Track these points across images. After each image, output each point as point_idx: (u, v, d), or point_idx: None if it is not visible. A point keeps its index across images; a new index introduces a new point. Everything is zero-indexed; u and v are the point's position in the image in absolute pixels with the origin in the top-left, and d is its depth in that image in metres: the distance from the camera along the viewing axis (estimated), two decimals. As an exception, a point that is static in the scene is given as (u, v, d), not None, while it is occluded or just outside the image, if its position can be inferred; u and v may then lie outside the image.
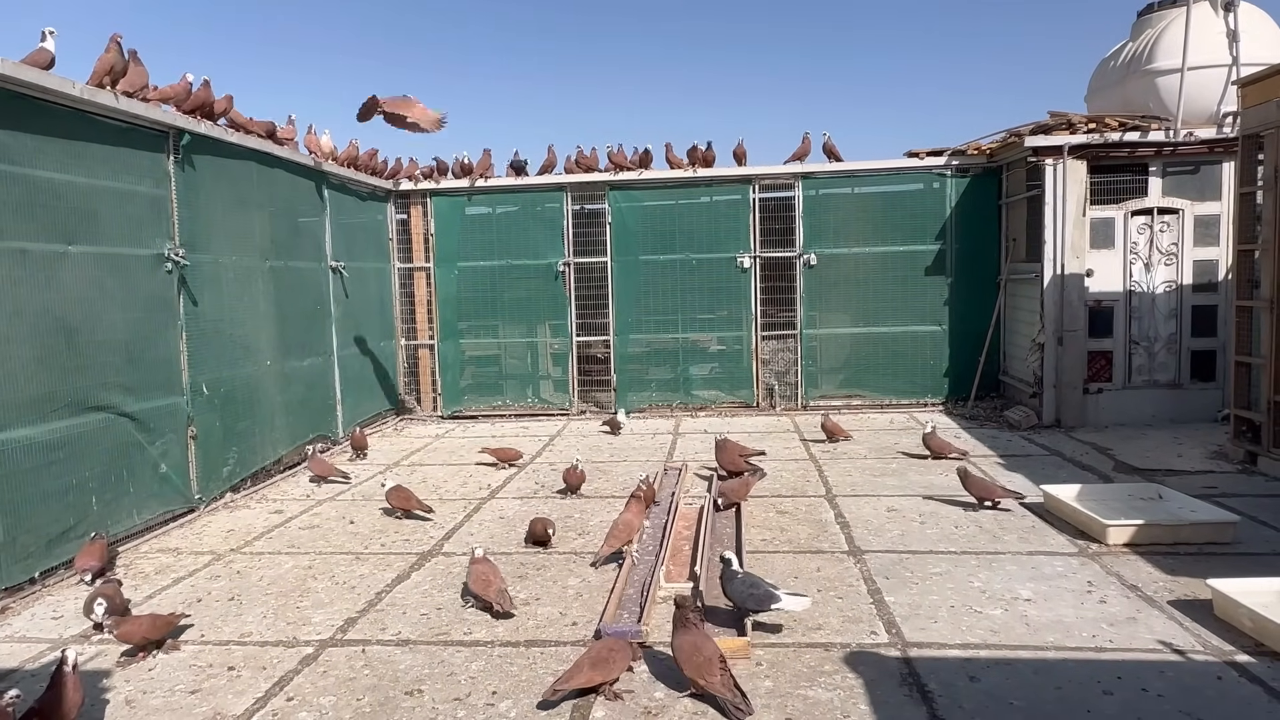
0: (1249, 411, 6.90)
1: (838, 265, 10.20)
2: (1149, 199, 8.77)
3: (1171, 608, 4.07)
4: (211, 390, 6.55)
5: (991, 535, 5.28)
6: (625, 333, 10.49)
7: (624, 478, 7.05)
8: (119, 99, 5.59)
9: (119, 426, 5.56)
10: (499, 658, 3.77)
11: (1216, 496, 5.84)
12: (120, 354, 5.61)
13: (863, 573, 4.70)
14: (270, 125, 7.65)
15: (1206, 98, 8.56)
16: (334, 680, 3.62)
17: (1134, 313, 8.85)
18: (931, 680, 3.43)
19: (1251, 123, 6.74)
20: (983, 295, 10.01)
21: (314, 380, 8.46)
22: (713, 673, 3.17)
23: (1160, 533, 4.98)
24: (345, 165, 9.20)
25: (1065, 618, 3.99)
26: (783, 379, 10.43)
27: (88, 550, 4.82)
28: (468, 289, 10.64)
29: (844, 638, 3.86)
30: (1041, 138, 8.71)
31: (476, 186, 10.47)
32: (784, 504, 6.17)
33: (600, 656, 3.37)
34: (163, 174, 6.13)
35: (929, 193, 10.08)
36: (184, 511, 6.23)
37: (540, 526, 5.34)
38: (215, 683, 3.63)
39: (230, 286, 6.91)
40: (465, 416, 10.64)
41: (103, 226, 5.49)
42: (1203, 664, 3.51)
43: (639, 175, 10.26)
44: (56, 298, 5.06)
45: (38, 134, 4.99)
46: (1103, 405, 8.83)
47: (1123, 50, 9.38)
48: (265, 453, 7.39)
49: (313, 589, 4.74)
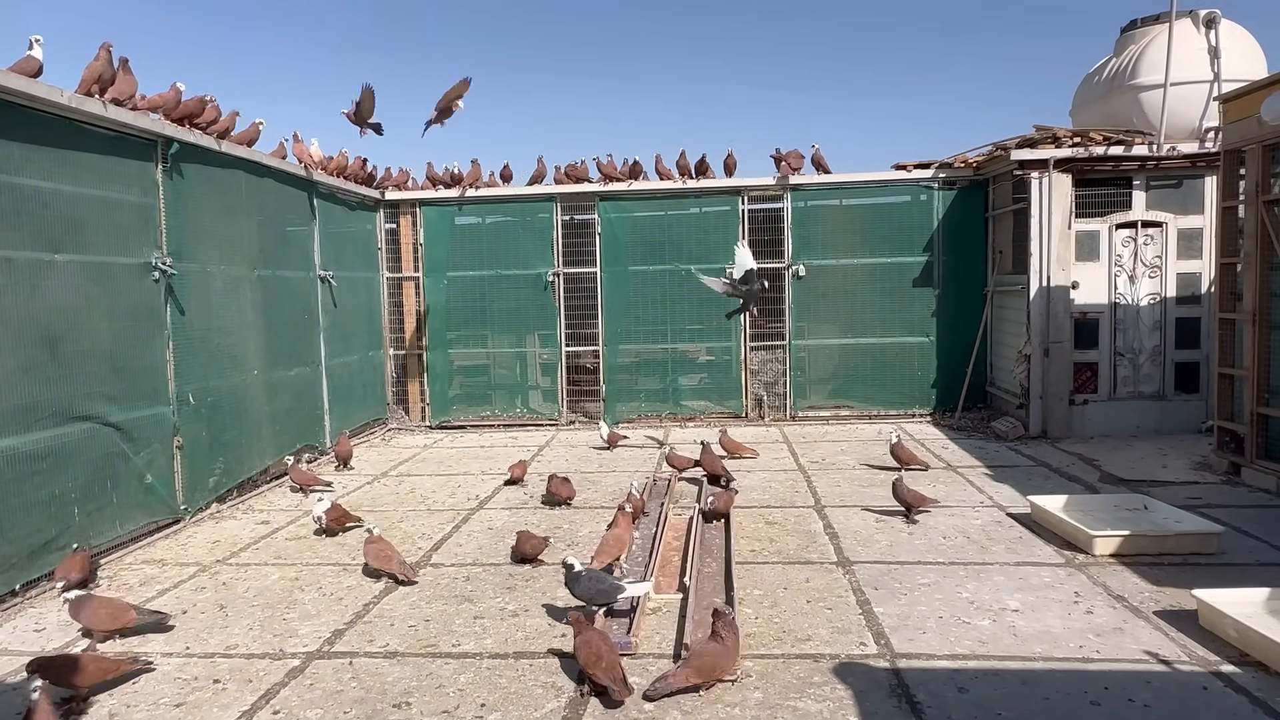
0: (1232, 423, 6.97)
1: (826, 276, 10.25)
2: (1133, 212, 8.87)
3: (1157, 618, 4.10)
4: (198, 400, 6.50)
5: (979, 546, 5.30)
6: (614, 343, 10.50)
7: (613, 488, 7.04)
8: (107, 107, 5.57)
9: (104, 436, 5.51)
10: (488, 670, 3.75)
11: (1201, 507, 5.89)
12: (106, 363, 5.56)
13: (851, 583, 4.71)
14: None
15: (1189, 113, 8.68)
16: (321, 693, 3.59)
17: (1119, 325, 8.94)
18: (920, 691, 3.44)
19: (1233, 138, 6.83)
20: (970, 307, 10.08)
21: (302, 390, 8.42)
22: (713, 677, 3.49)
23: (1146, 543, 5.02)
24: (335, 174, 9.19)
25: (1053, 628, 4.01)
26: (771, 389, 10.46)
27: (69, 562, 4.78)
28: (457, 299, 10.62)
29: (833, 649, 3.86)
30: (1027, 151, 8.81)
31: (466, 196, 10.47)
32: (773, 515, 6.17)
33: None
34: (151, 183, 6.10)
35: (916, 205, 10.16)
36: (169, 522, 6.17)
37: (528, 545, 5.20)
38: (200, 696, 3.59)
39: (218, 296, 6.88)
40: (454, 426, 10.60)
41: (89, 235, 5.45)
42: (1188, 674, 3.53)
43: (629, 186, 10.30)
44: (42, 307, 5.02)
45: (25, 142, 4.96)
46: (1088, 416, 8.90)
47: (1107, 66, 9.50)
48: (252, 463, 7.33)
49: (300, 600, 4.71)
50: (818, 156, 10.13)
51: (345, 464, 8.29)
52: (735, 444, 8.09)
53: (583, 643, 3.54)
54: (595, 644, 3.51)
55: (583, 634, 3.58)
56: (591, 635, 3.57)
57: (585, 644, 3.52)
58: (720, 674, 3.50)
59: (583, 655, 3.50)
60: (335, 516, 5.94)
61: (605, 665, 3.43)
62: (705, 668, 3.46)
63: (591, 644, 3.51)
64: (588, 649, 3.50)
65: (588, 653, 3.49)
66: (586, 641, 3.53)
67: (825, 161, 10.14)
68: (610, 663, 3.45)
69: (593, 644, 3.51)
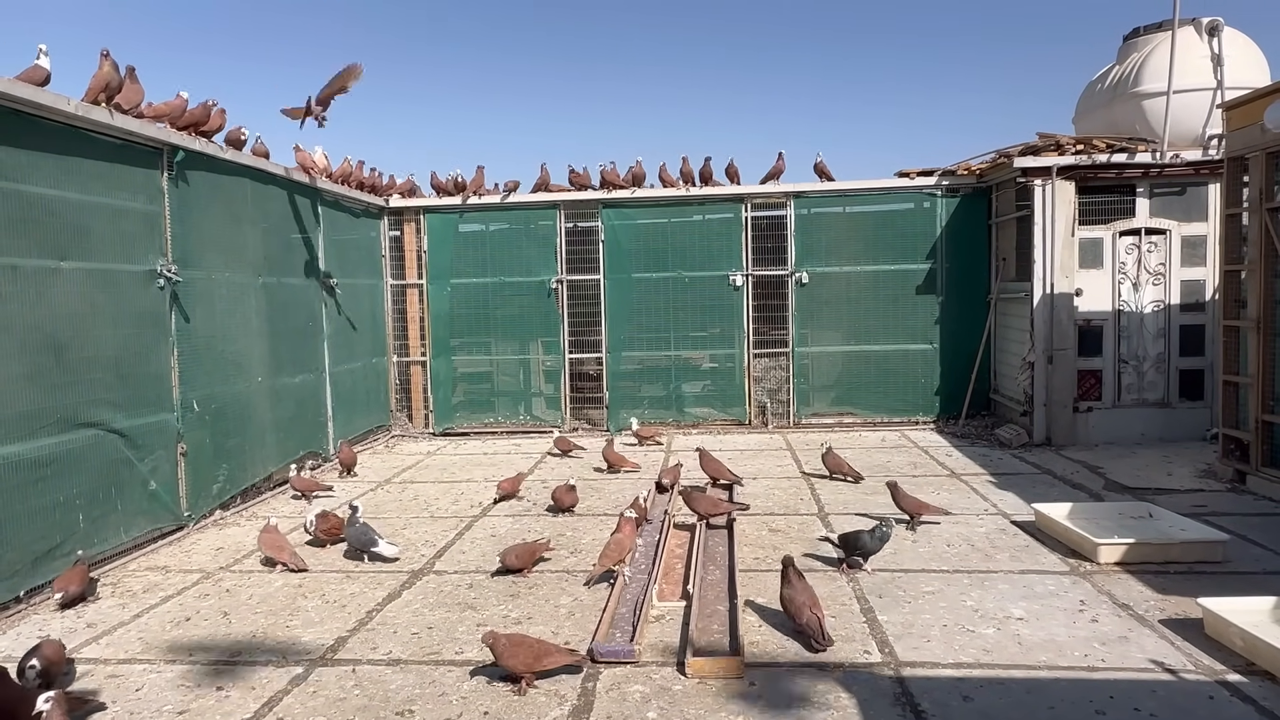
0: (1237, 430, 6.95)
1: (829, 283, 10.26)
2: (1136, 219, 8.87)
3: (1163, 627, 4.08)
4: (202, 407, 6.52)
5: (983, 554, 5.29)
6: (618, 350, 10.50)
7: (616, 495, 7.03)
8: (114, 115, 5.60)
9: (108, 443, 5.53)
10: (491, 677, 3.74)
11: (1206, 515, 5.87)
12: (110, 370, 5.58)
13: (855, 591, 4.70)
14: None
15: (1192, 120, 8.68)
16: (324, 700, 3.58)
17: (1123, 332, 8.92)
18: (925, 700, 3.43)
19: (1237, 145, 6.83)
20: (973, 314, 10.07)
21: (305, 397, 8.43)
22: (802, 614, 4.01)
23: (1151, 551, 5.00)
24: (339, 182, 9.22)
25: (1058, 637, 4.00)
26: (775, 397, 10.45)
27: (68, 575, 4.76)
28: (460, 306, 10.64)
29: (837, 657, 3.85)
30: (1030, 158, 8.81)
31: (469, 204, 10.50)
32: (776, 522, 6.16)
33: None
34: (156, 190, 6.13)
35: (919, 212, 10.16)
36: (173, 529, 6.18)
37: (512, 557, 5.06)
38: (204, 703, 3.59)
39: (222, 303, 6.90)
40: (457, 433, 10.61)
41: (95, 242, 5.48)
42: (1194, 683, 3.51)
43: (632, 193, 10.32)
44: (47, 314, 5.04)
45: (32, 150, 4.99)
46: (1093, 424, 8.88)
47: (1109, 73, 9.51)
48: (255, 470, 7.34)
49: (303, 607, 4.71)
50: (821, 165, 10.16)
51: (349, 470, 8.29)
52: (619, 456, 8.10)
53: (789, 595, 4.17)
54: (803, 596, 4.10)
55: (789, 587, 4.14)
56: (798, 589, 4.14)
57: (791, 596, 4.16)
58: (814, 606, 4.00)
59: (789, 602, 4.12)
60: (328, 526, 5.78)
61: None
62: (797, 600, 4.07)
63: (798, 597, 4.11)
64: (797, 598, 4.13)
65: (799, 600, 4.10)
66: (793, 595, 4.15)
67: (828, 169, 10.16)
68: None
69: (798, 597, 4.11)
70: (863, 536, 5.00)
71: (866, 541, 4.98)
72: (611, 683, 3.66)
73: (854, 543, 5.02)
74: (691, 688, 3.60)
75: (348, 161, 9.47)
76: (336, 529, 5.78)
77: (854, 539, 5.03)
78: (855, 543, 5.02)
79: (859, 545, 5.00)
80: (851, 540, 5.04)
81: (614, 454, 8.17)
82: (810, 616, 3.98)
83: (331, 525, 5.80)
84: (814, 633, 3.93)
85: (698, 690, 3.57)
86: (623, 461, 8.12)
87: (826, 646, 3.89)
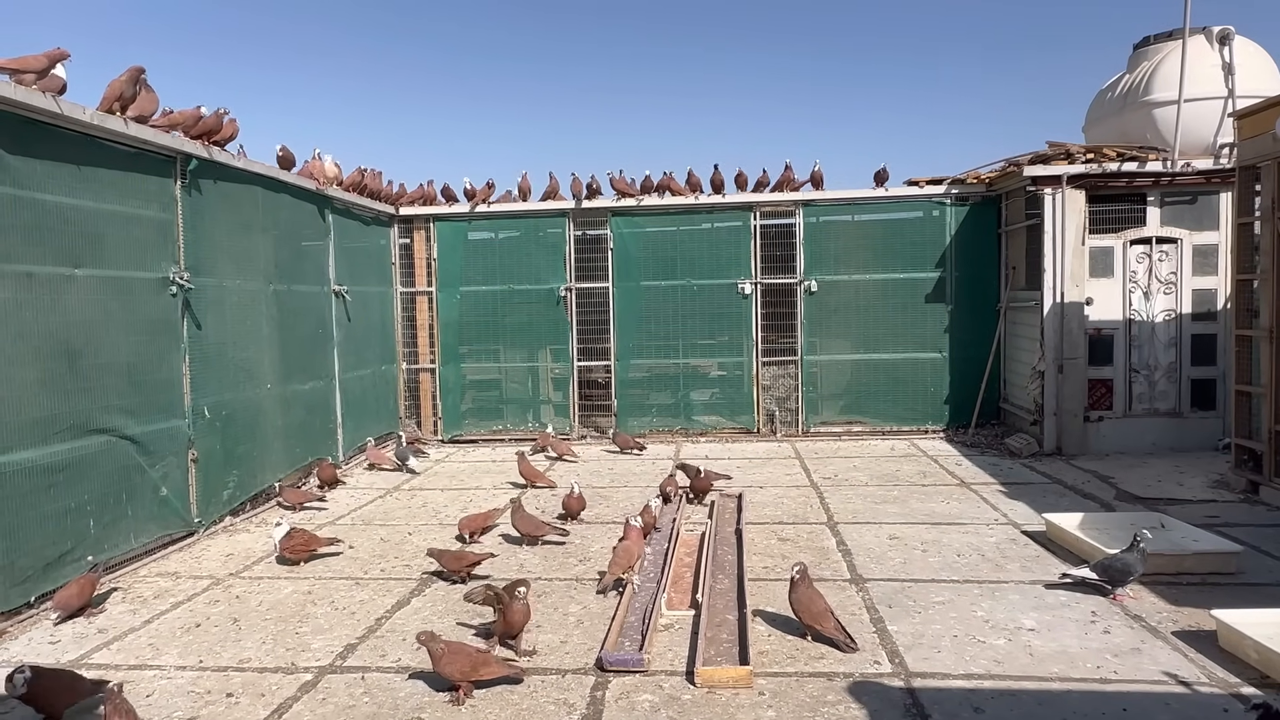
0: (1250, 440, 6.90)
1: (838, 292, 10.24)
2: (1147, 228, 8.83)
3: (1176, 638, 4.05)
4: (213, 413, 6.55)
5: (994, 564, 5.26)
6: (626, 358, 10.51)
7: (624, 503, 7.02)
8: (128, 124, 5.65)
9: (120, 449, 5.56)
10: (500, 686, 3.74)
11: (1219, 526, 5.83)
12: (123, 377, 5.62)
13: (865, 601, 4.68)
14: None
15: (1203, 129, 8.65)
16: (333, 708, 3.59)
17: (1134, 341, 8.88)
18: (935, 711, 3.41)
19: (1248, 154, 6.81)
20: (983, 323, 10.04)
21: (315, 404, 8.46)
22: (826, 620, 4.07)
23: (1163, 563, 4.96)
24: (349, 190, 9.27)
25: (1069, 648, 3.97)
26: (783, 405, 10.43)
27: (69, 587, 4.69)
28: (469, 313, 10.67)
29: (847, 667, 3.83)
30: (1040, 167, 8.79)
31: (479, 211, 10.54)
32: (785, 531, 6.15)
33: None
34: (169, 198, 6.17)
35: (929, 221, 10.15)
36: (183, 535, 6.20)
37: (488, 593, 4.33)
38: (214, 710, 3.59)
39: (233, 310, 6.94)
40: (465, 441, 10.62)
41: (109, 250, 5.52)
42: (1208, 696, 3.48)
43: (640, 202, 10.34)
44: (61, 321, 5.08)
45: (48, 159, 5.04)
46: (1104, 433, 8.83)
47: (1120, 82, 9.49)
48: (265, 476, 7.37)
49: (312, 614, 4.72)
50: (817, 173, 10.09)
51: (330, 486, 8.10)
52: (534, 471, 7.84)
53: (805, 600, 4.18)
54: (819, 603, 4.16)
55: (799, 591, 4.16)
56: (811, 594, 4.16)
57: (808, 600, 4.17)
58: (820, 605, 4.09)
59: (805, 610, 4.12)
60: (295, 544, 5.55)
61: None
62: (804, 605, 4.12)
63: (816, 603, 4.16)
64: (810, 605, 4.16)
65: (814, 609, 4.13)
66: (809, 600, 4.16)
67: (823, 179, 10.10)
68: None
69: (817, 603, 4.16)
70: (1128, 559, 4.53)
71: (1133, 563, 4.51)
72: (620, 691, 3.66)
73: (1121, 569, 4.53)
74: (701, 697, 3.59)
75: (359, 170, 9.52)
76: (304, 547, 5.62)
77: (1119, 565, 4.53)
78: (1124, 569, 4.52)
79: (1129, 570, 4.52)
80: (1118, 568, 4.53)
81: (528, 468, 7.85)
82: (835, 623, 4.05)
83: (297, 543, 5.60)
84: (842, 638, 4.00)
85: (707, 700, 3.56)
86: (537, 477, 7.77)
87: (857, 648, 3.96)
